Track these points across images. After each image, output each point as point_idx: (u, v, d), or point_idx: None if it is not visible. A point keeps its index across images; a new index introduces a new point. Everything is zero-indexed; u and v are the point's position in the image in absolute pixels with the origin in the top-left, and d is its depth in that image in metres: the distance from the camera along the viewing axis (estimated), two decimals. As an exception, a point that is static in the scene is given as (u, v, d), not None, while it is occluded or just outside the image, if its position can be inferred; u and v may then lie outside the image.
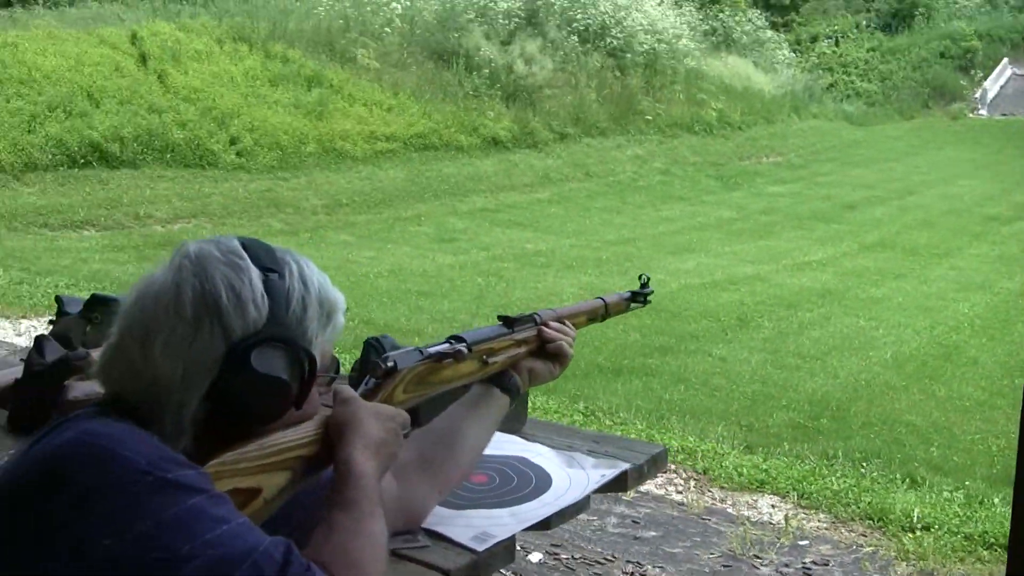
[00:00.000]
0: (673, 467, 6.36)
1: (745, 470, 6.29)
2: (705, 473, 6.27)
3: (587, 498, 2.23)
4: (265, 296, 1.57)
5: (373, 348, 2.40)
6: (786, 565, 5.03)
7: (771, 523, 5.58)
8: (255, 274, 1.58)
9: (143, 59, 18.60)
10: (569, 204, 18.48)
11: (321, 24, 22.02)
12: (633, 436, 6.79)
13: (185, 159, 16.69)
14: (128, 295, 1.61)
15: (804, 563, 5.07)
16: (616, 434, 3.49)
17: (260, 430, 1.60)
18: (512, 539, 2.05)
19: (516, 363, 2.19)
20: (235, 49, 20.19)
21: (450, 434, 2.08)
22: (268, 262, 1.62)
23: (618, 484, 2.32)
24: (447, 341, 2.04)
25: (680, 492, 5.97)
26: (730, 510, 5.71)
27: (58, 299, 2.83)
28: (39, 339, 2.55)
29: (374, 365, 1.90)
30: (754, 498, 5.96)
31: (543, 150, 21.40)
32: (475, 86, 22.00)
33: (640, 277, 2.65)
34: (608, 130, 23.02)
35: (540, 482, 2.25)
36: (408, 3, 23.47)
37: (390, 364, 1.91)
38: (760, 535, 5.32)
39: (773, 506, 5.85)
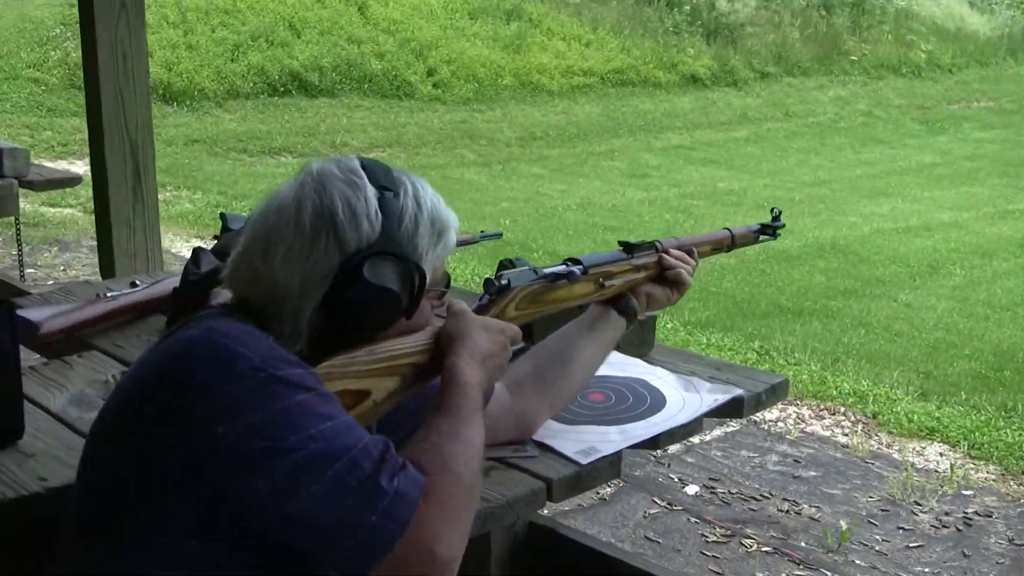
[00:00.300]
0: (843, 409, 6.32)
1: (916, 416, 6.20)
2: (874, 417, 6.20)
3: (699, 421, 2.26)
4: (379, 212, 1.66)
5: (505, 267, 2.48)
6: (947, 513, 4.97)
7: (936, 471, 5.51)
8: (371, 192, 1.67)
9: (345, -10, 18.97)
10: (766, 144, 18.16)
11: (524, -43, 22.06)
12: (805, 377, 6.76)
13: (382, 89, 17.01)
14: (256, 207, 1.73)
15: (966, 512, 5.00)
16: (738, 363, 3.52)
17: (372, 338, 1.71)
18: (618, 455, 2.10)
19: (635, 287, 2.24)
20: (436, -19, 20.42)
21: (565, 352, 2.15)
22: (384, 181, 1.70)
23: (734, 410, 2.35)
24: (564, 263, 2.11)
25: (846, 435, 5.93)
26: (895, 455, 5.65)
27: (222, 216, 2.97)
28: (196, 251, 2.72)
29: (488, 282, 1.99)
30: (922, 445, 5.88)
31: (742, 88, 21.04)
32: (676, 23, 21.73)
33: (772, 210, 2.65)
34: (810, 70, 22.46)
35: (654, 403, 2.29)
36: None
37: (503, 282, 1.99)
38: (923, 482, 5.26)
39: (941, 454, 5.76)
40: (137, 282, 3.00)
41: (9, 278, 5.35)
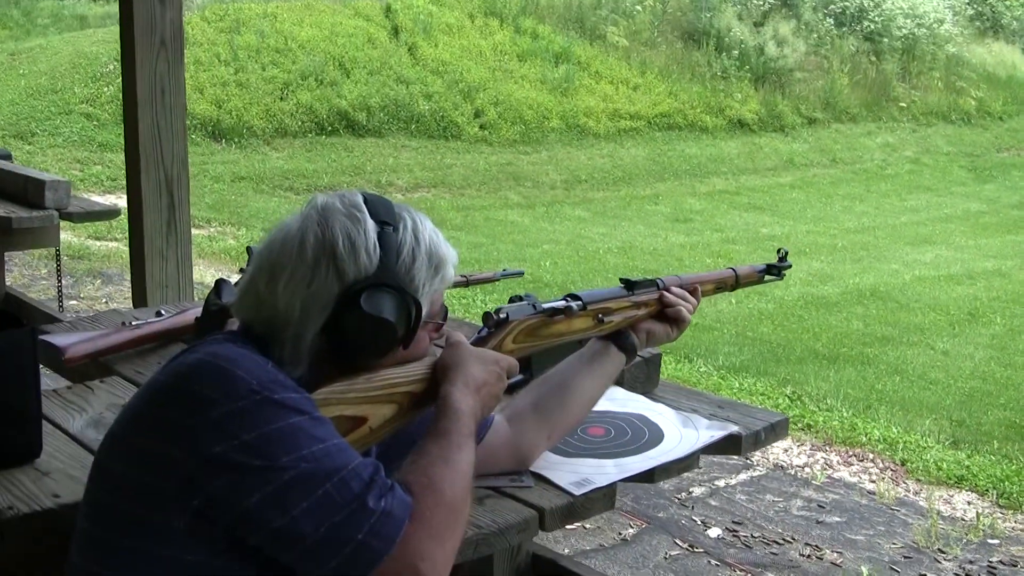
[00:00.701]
0: (871, 456, 6.31)
1: (946, 464, 6.18)
2: (903, 464, 6.19)
3: (695, 456, 2.31)
4: (377, 246, 1.75)
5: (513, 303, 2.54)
6: (970, 562, 4.95)
7: (963, 519, 5.49)
8: (371, 226, 1.76)
9: (395, 31, 19.17)
10: (811, 189, 18.17)
11: (572, 1, 22.21)
12: (835, 423, 6.76)
13: (429, 130, 17.19)
14: (264, 238, 1.83)
15: (990, 562, 4.98)
16: (741, 401, 3.54)
17: (372, 366, 1.78)
18: (613, 487, 2.15)
19: (635, 324, 2.30)
20: (485, 23, 20.58)
21: (565, 385, 2.21)
22: (385, 216, 1.78)
23: (731, 447, 2.39)
24: (564, 298, 2.17)
25: (873, 481, 5.92)
26: (922, 503, 5.64)
27: (248, 249, 3.06)
28: (219, 282, 2.81)
29: (487, 315, 2.06)
30: (950, 493, 5.86)
31: (789, 134, 21.07)
32: (724, 67, 21.80)
33: (779, 251, 2.69)
34: (858, 116, 22.46)
35: (652, 438, 2.35)
36: (661, -18, 23.44)
37: (502, 316, 2.06)
38: (948, 530, 5.25)
39: (969, 503, 5.75)
40: (162, 311, 3.10)
41: (45, 306, 5.48)
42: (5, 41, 18.77)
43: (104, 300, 8.51)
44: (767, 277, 2.70)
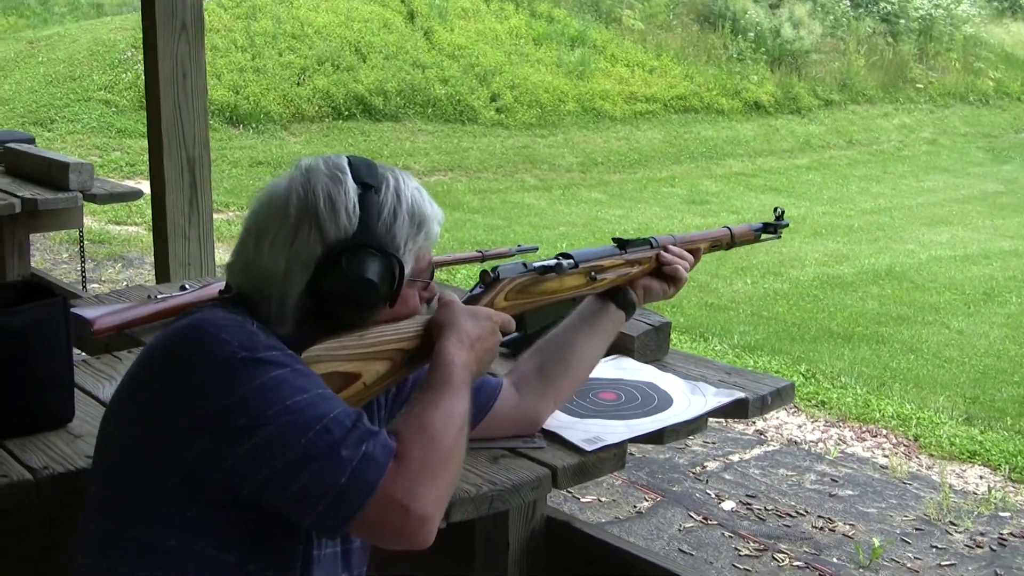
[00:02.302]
0: (885, 432, 6.37)
1: (959, 440, 6.24)
2: (916, 440, 6.25)
3: (703, 419, 2.37)
4: (357, 207, 1.80)
5: (521, 268, 2.60)
6: (981, 534, 5.02)
7: (975, 493, 5.56)
8: (352, 187, 1.81)
9: (411, 16, 19.20)
10: (828, 171, 18.17)
11: (588, -16, 22.23)
12: (849, 400, 6.81)
13: (445, 114, 17.25)
14: (252, 200, 1.90)
15: (1001, 534, 5.04)
16: (748, 368, 3.61)
17: (359, 324, 1.85)
18: (623, 447, 2.22)
19: (632, 281, 2.35)
20: (501, 8, 20.59)
21: (566, 347, 2.26)
22: (367, 177, 1.84)
23: (738, 411, 2.46)
24: (556, 257, 2.24)
25: (886, 456, 5.98)
26: (934, 477, 5.70)
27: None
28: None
29: (483, 273, 2.13)
30: (962, 468, 5.92)
31: (806, 116, 21.05)
32: (740, 49, 21.79)
33: (776, 209, 2.74)
34: (875, 98, 22.43)
35: (661, 402, 2.41)
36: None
37: (494, 275, 2.13)
38: (959, 503, 5.31)
39: (981, 477, 5.81)
40: (186, 285, 3.18)
41: (70, 286, 5.58)
42: (23, 30, 18.88)
43: (125, 283, 8.61)
44: (764, 236, 2.72)
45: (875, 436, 6.29)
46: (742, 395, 2.45)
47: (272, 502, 1.61)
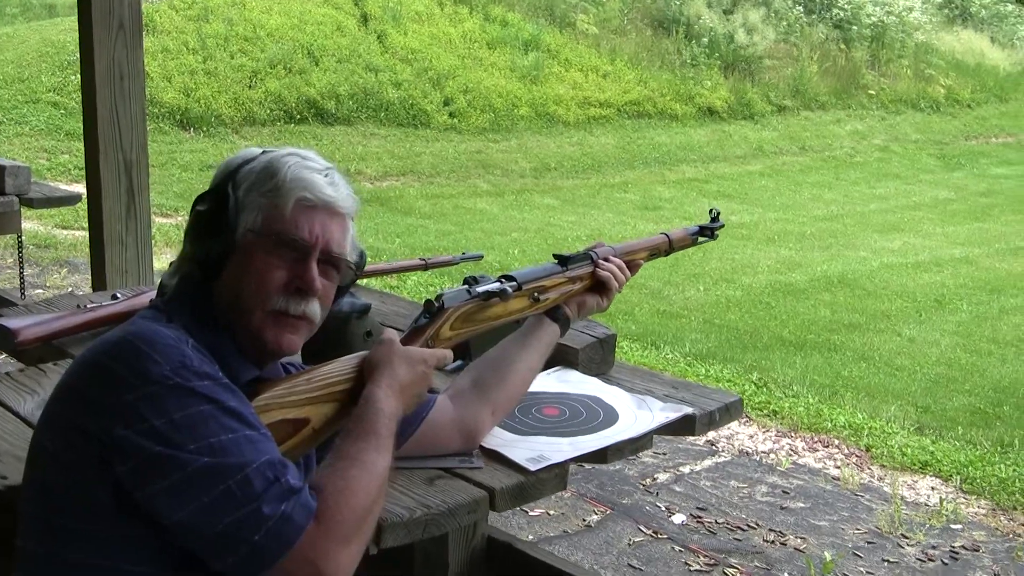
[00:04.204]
0: (836, 442, 6.33)
1: (910, 450, 6.21)
2: (868, 450, 6.22)
3: (648, 437, 2.31)
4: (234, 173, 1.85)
5: (468, 284, 2.52)
6: (933, 547, 4.98)
7: (926, 505, 5.52)
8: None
9: (364, 19, 19.06)
10: (780, 177, 18.20)
11: (543, -12, 22.18)
12: (800, 409, 6.77)
13: (398, 118, 17.12)
14: None
15: (952, 547, 5.01)
16: (693, 381, 3.53)
17: (208, 274, 1.79)
18: (566, 467, 2.15)
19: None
20: (455, 11, 20.50)
21: (502, 360, 2.22)
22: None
23: (685, 427, 2.39)
24: (499, 280, 2.16)
25: (838, 467, 5.94)
26: (886, 489, 5.66)
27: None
28: (172, 263, 2.78)
29: (428, 303, 2.05)
30: (914, 479, 5.89)
31: (759, 122, 21.09)
32: (694, 55, 21.80)
33: (711, 211, 2.70)
34: (828, 104, 22.51)
35: (607, 418, 2.35)
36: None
37: (439, 303, 2.05)
38: (911, 515, 5.27)
39: (933, 488, 5.78)
40: (118, 294, 3.08)
41: (6, 293, 5.44)
42: (-28, 30, 18.62)
43: (70, 289, 8.44)
44: (700, 239, 2.71)
45: (827, 446, 6.25)
46: (690, 411, 2.39)
47: (186, 541, 1.55)
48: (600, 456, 2.21)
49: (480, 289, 2.13)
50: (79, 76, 4.20)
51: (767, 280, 10.91)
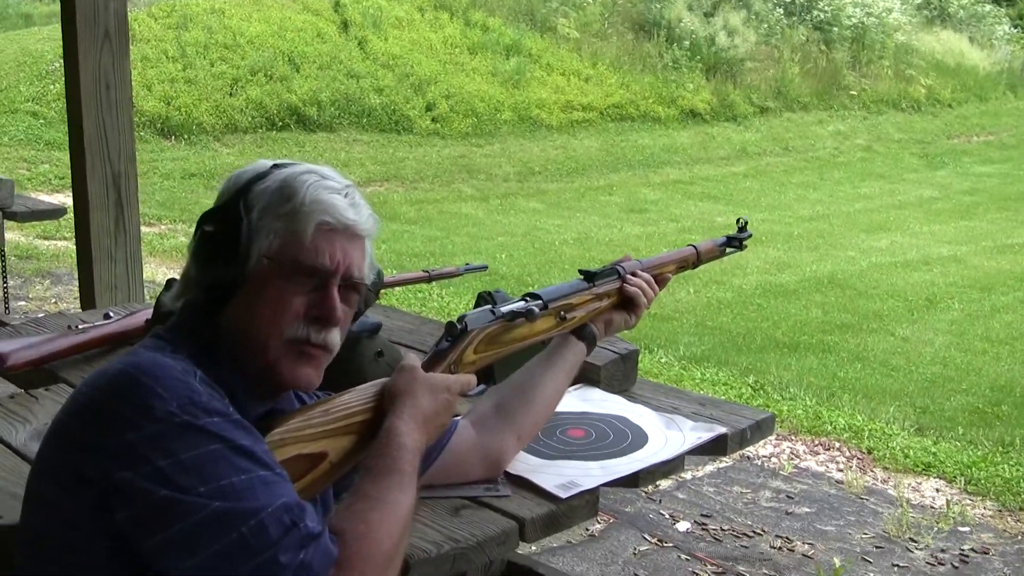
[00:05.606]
0: (837, 445, 6.26)
1: (912, 452, 6.13)
2: (870, 453, 6.14)
3: (680, 459, 2.20)
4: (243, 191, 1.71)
5: (484, 300, 2.41)
6: (942, 551, 4.90)
7: (932, 507, 5.44)
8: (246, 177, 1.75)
9: (345, 26, 18.93)
10: (765, 178, 18.15)
11: (523, -7, 22.09)
12: (799, 412, 6.69)
13: (381, 124, 17.00)
14: None
15: (962, 550, 4.93)
16: (722, 399, 3.41)
17: (215, 307, 1.65)
18: (596, 494, 2.03)
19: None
20: (436, 17, 20.40)
21: (526, 382, 2.10)
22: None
23: (717, 448, 2.29)
24: (523, 298, 2.05)
25: (841, 471, 5.86)
26: (891, 491, 5.58)
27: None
28: (170, 282, 2.65)
29: (450, 325, 1.93)
30: (918, 481, 5.81)
31: (742, 123, 21.04)
32: (675, 58, 21.73)
33: (738, 221, 2.60)
34: (810, 105, 22.48)
35: (636, 440, 2.23)
36: (611, -27, 23.31)
37: (461, 326, 1.93)
38: (918, 518, 5.19)
39: (937, 490, 5.70)
40: (111, 314, 2.96)
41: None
42: (-53, 40, 18.43)
43: (53, 300, 8.33)
44: (728, 250, 2.63)
45: (828, 449, 6.17)
46: (723, 430, 2.27)
47: None
48: (632, 480, 2.10)
49: (505, 309, 2.01)
50: (61, 85, 4.07)
51: (757, 281, 10.84)
